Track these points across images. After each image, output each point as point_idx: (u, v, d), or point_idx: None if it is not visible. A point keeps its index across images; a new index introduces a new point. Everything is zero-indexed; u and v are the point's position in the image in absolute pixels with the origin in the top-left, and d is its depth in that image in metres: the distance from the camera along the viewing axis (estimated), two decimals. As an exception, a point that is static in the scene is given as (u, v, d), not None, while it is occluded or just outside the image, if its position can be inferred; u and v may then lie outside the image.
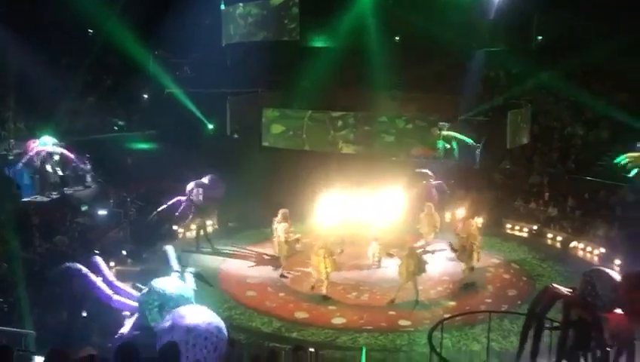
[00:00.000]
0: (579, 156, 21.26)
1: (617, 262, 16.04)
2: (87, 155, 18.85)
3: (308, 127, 16.58)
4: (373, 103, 19.58)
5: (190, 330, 6.52)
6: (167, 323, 6.64)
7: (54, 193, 17.64)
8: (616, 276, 9.55)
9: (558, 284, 10.32)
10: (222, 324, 6.49)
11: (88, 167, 18.65)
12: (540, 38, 22.27)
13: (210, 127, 22.39)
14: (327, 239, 14.89)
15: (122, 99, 23.25)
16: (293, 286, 14.97)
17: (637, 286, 9.00)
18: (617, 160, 18.32)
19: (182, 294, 8.45)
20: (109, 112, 22.96)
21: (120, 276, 14.89)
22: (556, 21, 20.67)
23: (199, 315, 6.73)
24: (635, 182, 17.93)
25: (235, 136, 19.74)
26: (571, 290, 9.68)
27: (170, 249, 9.98)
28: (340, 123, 16.29)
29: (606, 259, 16.53)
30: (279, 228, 15.54)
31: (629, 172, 18.13)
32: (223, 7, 18.16)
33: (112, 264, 15.60)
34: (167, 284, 8.59)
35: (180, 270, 9.40)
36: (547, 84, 21.23)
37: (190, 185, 17.32)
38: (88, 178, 18.67)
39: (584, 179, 20.03)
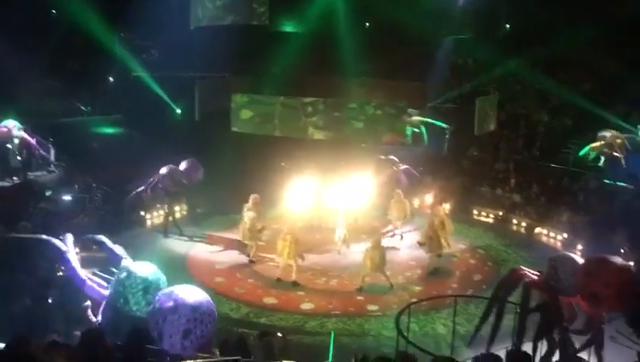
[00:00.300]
0: (544, 143, 21.64)
1: (579, 247, 16.43)
2: (51, 139, 18.44)
3: (277, 113, 16.51)
4: (342, 90, 19.57)
5: (195, 308, 7.43)
6: (169, 304, 7.40)
7: (16, 178, 17.23)
8: (580, 261, 9.80)
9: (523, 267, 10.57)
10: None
11: (52, 151, 18.24)
12: (507, 26, 22.52)
13: (178, 111, 22.10)
14: (295, 225, 14.92)
15: (87, 82, 22.75)
16: (263, 272, 14.96)
17: (591, 272, 9.26)
18: (581, 153, 18.81)
19: (160, 277, 8.42)
20: (74, 96, 22.46)
21: (86, 263, 14.76)
22: (523, 10, 20.92)
23: (198, 294, 7.64)
24: (601, 169, 18.44)
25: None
26: (538, 274, 9.93)
27: (104, 238, 9.85)
28: (309, 109, 16.26)
29: (569, 245, 16.92)
30: (245, 214, 15.51)
31: (595, 161, 18.59)
32: (191, -11, 17.88)
33: (77, 250, 15.39)
34: (144, 268, 8.52)
35: (126, 256, 9.19)
36: (514, 71, 21.51)
37: (164, 169, 17.09)
38: (52, 160, 18.26)
39: (548, 166, 20.43)
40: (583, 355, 9.32)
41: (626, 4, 18.99)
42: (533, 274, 9.99)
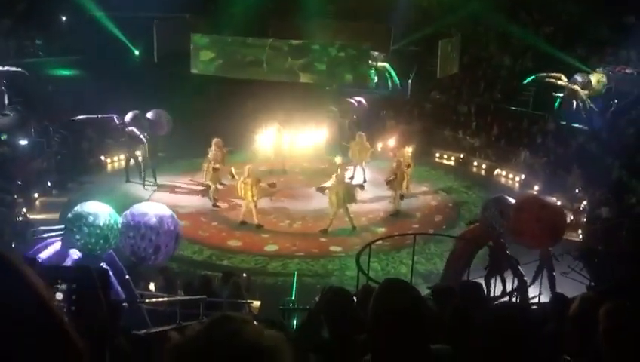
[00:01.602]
0: (505, 86, 21.86)
1: (536, 187, 16.90)
2: (4, 82, 17.77)
3: (239, 55, 16.19)
4: (306, 31, 19.25)
5: (171, 215, 9.15)
6: (153, 219, 8.70)
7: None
8: (509, 202, 10.16)
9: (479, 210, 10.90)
10: None
11: (4, 95, 17.59)
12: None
13: (136, 52, 21.46)
14: (255, 168, 14.90)
15: (38, 21, 21.77)
16: (227, 215, 15.00)
17: (518, 209, 9.61)
18: (525, 81, 19.04)
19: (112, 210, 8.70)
20: (26, 36, 21.53)
21: (45, 207, 14.57)
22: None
23: (159, 205, 9.33)
24: (557, 111, 18.78)
25: None
26: (475, 223, 10.29)
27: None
28: (272, 51, 15.98)
29: (526, 185, 17.41)
30: (209, 154, 15.42)
31: (555, 102, 18.83)
32: None
33: (35, 195, 15.16)
34: (101, 206, 8.65)
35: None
36: (477, 13, 21.43)
37: (130, 115, 16.73)
38: (5, 103, 17.63)
39: (509, 108, 20.71)
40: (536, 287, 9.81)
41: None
42: (472, 233, 10.38)
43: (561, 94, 18.53)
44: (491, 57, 22.98)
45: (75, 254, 8.07)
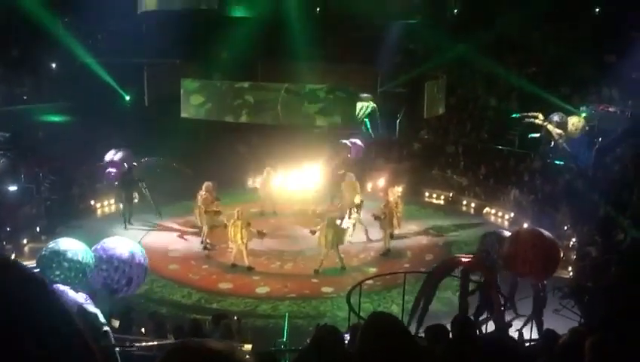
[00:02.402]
0: (491, 126, 22.20)
1: (525, 225, 16.99)
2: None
3: (228, 98, 16.38)
4: (294, 74, 19.55)
5: (138, 248, 9.72)
6: (125, 253, 9.18)
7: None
8: (506, 234, 10.23)
9: (473, 248, 10.93)
10: None
11: None
12: (455, 10, 22.89)
13: (127, 98, 21.66)
14: (245, 209, 14.93)
15: (30, 68, 22.02)
16: (218, 258, 14.95)
17: (514, 236, 9.68)
18: (516, 115, 19.35)
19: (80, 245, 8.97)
20: (16, 83, 21.73)
21: (34, 253, 14.44)
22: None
23: (126, 240, 9.88)
24: (541, 150, 19.06)
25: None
26: (471, 256, 10.31)
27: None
28: (261, 94, 16.17)
29: (515, 223, 17.50)
30: (199, 198, 15.45)
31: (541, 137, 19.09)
32: (137, -28, 17.50)
33: (24, 241, 15.06)
34: (72, 242, 8.96)
35: None
36: (462, 56, 21.91)
37: (119, 155, 16.84)
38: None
39: (496, 148, 20.98)
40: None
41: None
42: (467, 257, 10.37)
43: (536, 135, 18.92)
44: (477, 98, 23.39)
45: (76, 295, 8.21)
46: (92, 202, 18.29)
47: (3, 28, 20.29)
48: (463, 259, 10.29)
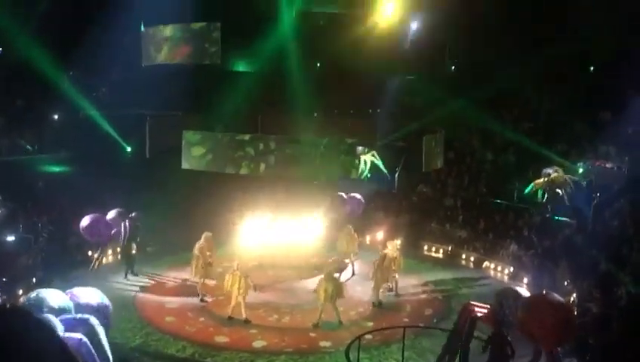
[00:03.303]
0: (489, 180, 22.33)
1: (525, 280, 16.92)
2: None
3: (229, 150, 16.53)
4: (294, 127, 19.81)
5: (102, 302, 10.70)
6: (105, 300, 10.64)
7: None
8: (525, 294, 10.11)
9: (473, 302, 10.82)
10: None
11: None
12: (452, 67, 23.39)
13: (129, 149, 21.87)
14: (243, 262, 14.87)
15: (33, 119, 22.30)
16: (215, 310, 14.78)
17: (528, 311, 9.55)
18: (526, 190, 19.47)
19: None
20: (19, 134, 21.97)
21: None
22: (467, 52, 21.81)
23: (87, 292, 10.68)
24: (543, 204, 19.10)
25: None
26: (487, 307, 10.19)
27: None
28: (261, 146, 16.34)
29: (515, 278, 17.42)
30: (196, 247, 15.42)
31: (540, 197, 19.23)
32: (143, 28, 17.95)
33: (20, 292, 14.91)
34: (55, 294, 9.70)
35: None
36: (460, 110, 22.25)
37: (115, 214, 16.91)
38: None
39: (494, 201, 21.05)
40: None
41: (563, 50, 20.09)
42: (482, 307, 10.25)
43: (549, 186, 18.94)
44: (475, 152, 23.61)
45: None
46: (89, 253, 18.19)
47: (8, 79, 20.64)
48: (477, 309, 10.17)
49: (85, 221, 16.85)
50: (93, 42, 19.72)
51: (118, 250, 17.84)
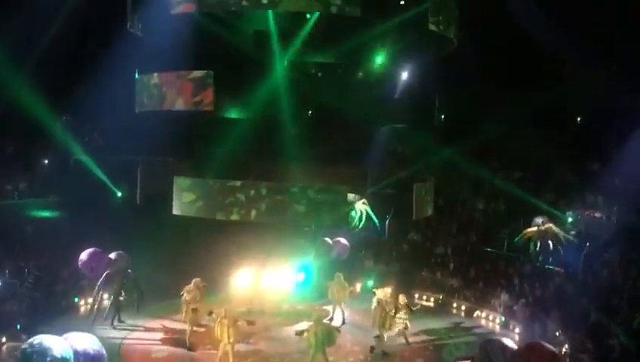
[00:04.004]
0: (479, 228, 22.40)
1: (517, 330, 16.80)
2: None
3: (220, 196, 16.52)
4: (285, 173, 19.88)
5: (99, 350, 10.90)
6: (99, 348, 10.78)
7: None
8: (511, 345, 10.03)
9: (463, 353, 10.72)
10: None
11: None
12: (442, 116, 23.71)
13: (119, 194, 21.82)
14: (232, 308, 14.69)
15: (24, 164, 22.28)
16: (203, 359, 14.51)
17: (525, 352, 9.49)
18: (516, 239, 19.55)
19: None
20: (9, 178, 21.89)
21: (11, 352, 13.93)
22: (456, 101, 22.18)
23: (83, 338, 10.75)
24: (533, 254, 19.15)
25: None
26: (470, 360, 10.09)
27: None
28: (252, 193, 16.35)
29: (506, 327, 17.29)
30: (185, 294, 15.23)
31: (532, 247, 19.29)
32: (137, 75, 18.17)
33: (3, 340, 14.58)
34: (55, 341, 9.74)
35: None
36: (450, 159, 22.48)
37: (119, 255, 16.77)
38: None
39: (485, 250, 21.07)
40: None
41: (550, 100, 20.51)
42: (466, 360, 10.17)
43: (538, 236, 19.01)
44: (465, 200, 23.75)
45: None
46: (75, 299, 17.93)
47: (1, 125, 20.70)
48: None
49: (84, 255, 16.64)
50: (86, 88, 19.91)
51: (105, 296, 17.55)
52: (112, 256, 16.83)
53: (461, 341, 16.47)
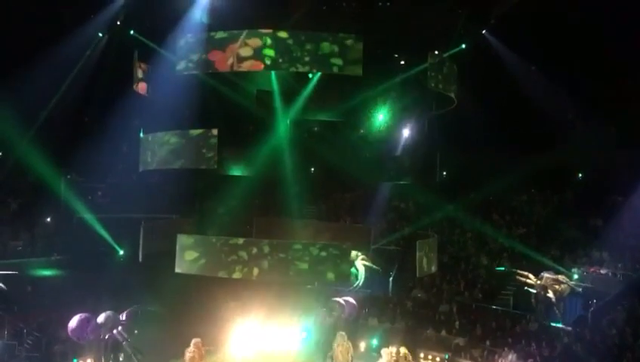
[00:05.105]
0: (484, 285, 22.14)
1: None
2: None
3: (222, 254, 16.46)
4: (287, 231, 19.85)
5: None
6: None
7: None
8: None
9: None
10: None
11: None
12: (444, 173, 23.86)
13: (121, 252, 21.74)
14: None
15: (26, 223, 22.30)
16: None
17: None
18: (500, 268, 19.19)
19: None
20: (11, 237, 21.87)
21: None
22: (458, 159, 22.36)
23: None
24: (535, 310, 18.84)
25: None
26: None
27: None
28: (254, 250, 16.28)
29: (515, 388, 16.85)
30: (186, 355, 14.93)
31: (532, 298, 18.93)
32: (141, 135, 18.44)
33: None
34: None
35: None
36: (453, 215, 22.48)
37: (103, 318, 16.44)
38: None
39: (490, 307, 20.76)
40: None
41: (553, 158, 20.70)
42: None
43: (533, 291, 18.74)
44: (469, 257, 23.58)
45: None
46: (75, 361, 17.57)
47: (6, 183, 20.85)
48: None
49: (73, 321, 16.35)
50: (91, 146, 20.16)
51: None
52: (100, 319, 16.53)
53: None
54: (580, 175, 24.60)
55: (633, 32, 18.41)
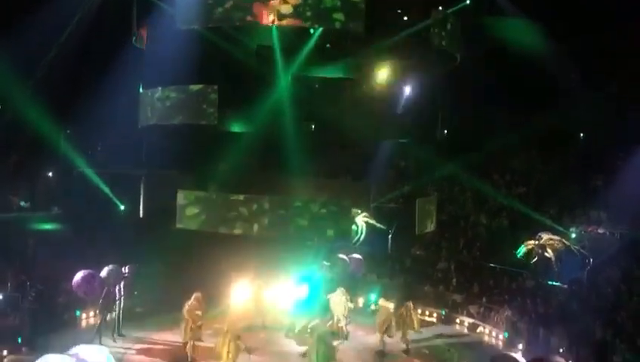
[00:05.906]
0: (483, 243, 22.31)
1: (520, 346, 16.67)
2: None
3: (223, 210, 16.51)
4: (288, 188, 19.86)
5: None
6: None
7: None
8: (521, 360, 9.98)
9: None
10: None
11: None
12: (444, 131, 23.74)
13: (122, 207, 21.82)
14: (234, 323, 14.61)
15: (27, 177, 22.30)
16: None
17: None
18: (519, 253, 19.42)
19: None
20: (12, 191, 21.91)
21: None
22: (459, 117, 22.22)
23: (92, 351, 10.91)
24: (534, 268, 19.03)
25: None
26: None
27: None
28: (255, 206, 16.34)
29: (510, 344, 17.17)
30: (186, 308, 15.16)
31: (529, 260, 19.18)
32: (141, 90, 18.27)
33: (4, 353, 14.54)
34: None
35: None
36: (453, 174, 22.47)
37: (106, 272, 16.66)
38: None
39: (488, 265, 20.97)
40: None
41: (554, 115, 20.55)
42: None
43: (539, 250, 18.86)
44: (468, 216, 23.69)
45: None
46: (77, 312, 17.86)
47: (5, 137, 20.75)
48: None
49: (78, 276, 16.55)
50: (91, 102, 19.99)
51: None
52: (103, 273, 16.71)
53: (463, 356, 16.35)
54: (582, 134, 24.50)
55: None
